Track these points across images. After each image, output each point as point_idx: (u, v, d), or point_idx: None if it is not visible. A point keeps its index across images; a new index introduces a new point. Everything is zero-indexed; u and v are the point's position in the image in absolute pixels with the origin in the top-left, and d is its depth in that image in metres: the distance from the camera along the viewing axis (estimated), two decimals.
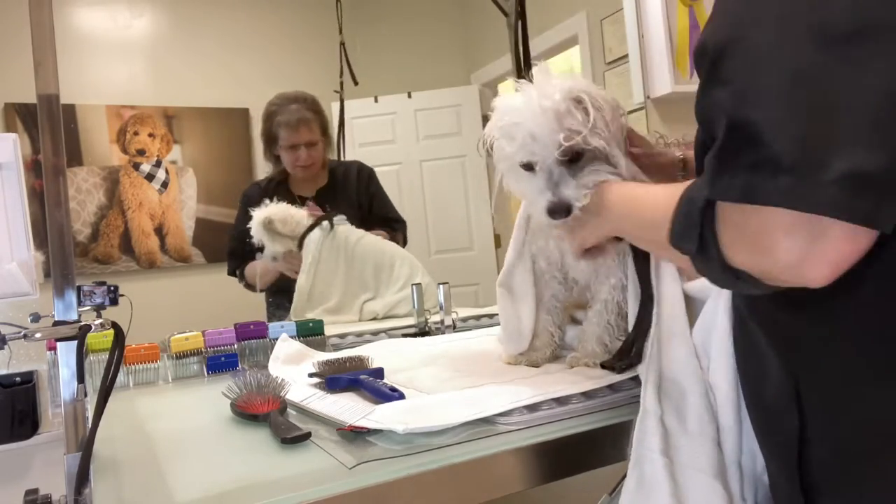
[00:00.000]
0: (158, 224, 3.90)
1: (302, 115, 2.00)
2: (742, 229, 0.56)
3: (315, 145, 2.02)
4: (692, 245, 0.61)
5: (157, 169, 3.90)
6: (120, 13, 3.88)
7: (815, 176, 0.49)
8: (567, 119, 0.87)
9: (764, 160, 0.51)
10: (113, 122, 3.80)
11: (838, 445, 0.60)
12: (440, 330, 1.65)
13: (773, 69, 0.52)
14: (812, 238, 0.51)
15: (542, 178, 0.89)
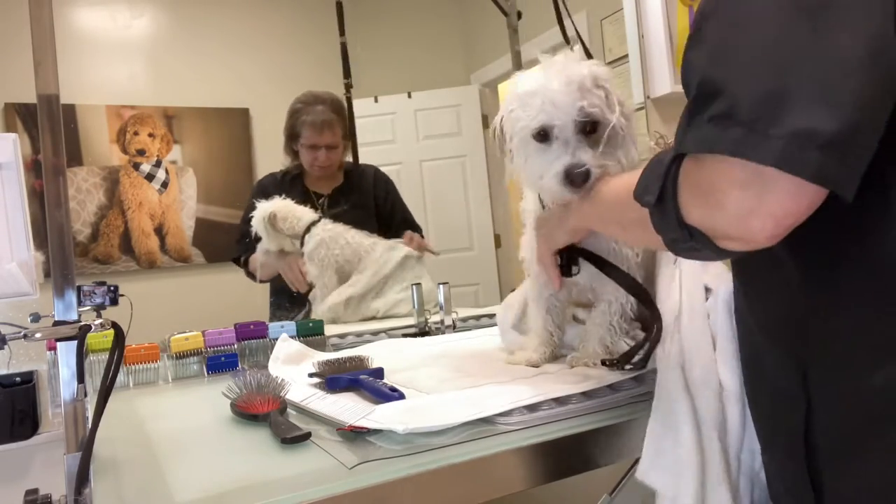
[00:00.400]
0: (158, 224, 3.90)
1: (327, 117, 2.01)
2: (697, 183, 0.60)
3: (335, 148, 2.03)
4: (652, 197, 0.65)
5: (157, 169, 3.90)
6: (120, 13, 3.88)
7: (766, 129, 0.52)
8: (588, 94, 0.88)
9: (722, 114, 0.54)
10: (113, 122, 3.80)
11: (843, 422, 0.62)
12: (440, 330, 1.65)
13: (743, 32, 0.55)
14: (759, 192, 0.54)
15: (559, 145, 0.88)
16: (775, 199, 0.54)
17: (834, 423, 0.63)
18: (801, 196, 0.54)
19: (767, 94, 0.53)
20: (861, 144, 0.52)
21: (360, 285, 1.89)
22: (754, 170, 0.54)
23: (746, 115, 0.53)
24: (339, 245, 1.90)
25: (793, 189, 0.53)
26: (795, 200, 0.54)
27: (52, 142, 0.85)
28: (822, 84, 0.51)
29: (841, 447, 0.63)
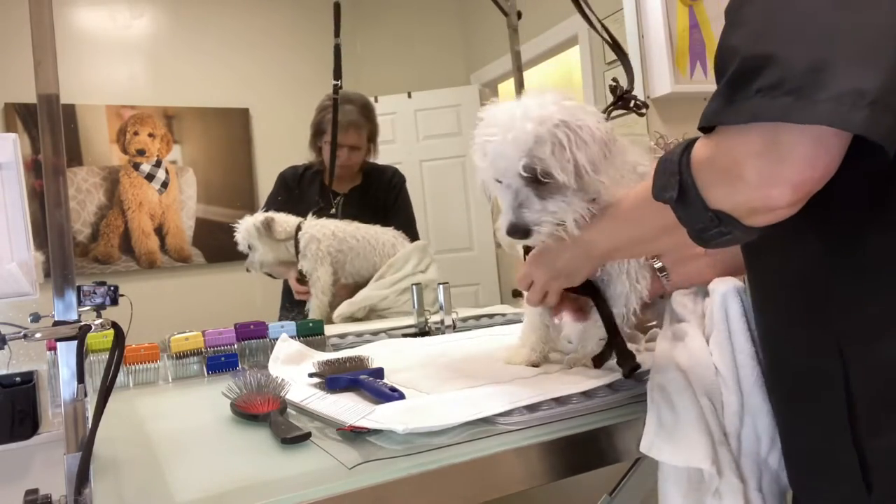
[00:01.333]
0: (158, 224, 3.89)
1: (354, 118, 2.01)
2: (714, 163, 0.63)
3: (358, 150, 2.04)
4: (673, 192, 0.67)
5: (157, 169, 3.90)
6: (120, 13, 3.88)
7: (814, 95, 0.55)
8: (537, 147, 0.85)
9: (770, 85, 0.57)
10: (113, 122, 3.80)
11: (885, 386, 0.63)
12: (440, 330, 1.65)
13: (783, 12, 0.58)
14: (776, 159, 0.57)
15: (508, 196, 0.89)
16: (792, 165, 0.57)
17: (874, 389, 0.64)
18: (817, 160, 0.56)
19: (812, 63, 0.55)
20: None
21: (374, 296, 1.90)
22: (771, 139, 0.57)
23: (794, 83, 0.55)
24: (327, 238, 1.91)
25: (809, 154, 0.56)
26: (811, 165, 0.57)
27: (52, 142, 0.85)
28: (861, 49, 0.55)
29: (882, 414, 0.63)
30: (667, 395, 0.83)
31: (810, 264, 0.68)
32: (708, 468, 0.76)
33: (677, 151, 0.67)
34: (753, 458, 0.82)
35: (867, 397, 0.65)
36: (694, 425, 0.79)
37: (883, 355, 0.63)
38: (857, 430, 0.65)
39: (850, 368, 0.65)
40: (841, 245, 0.66)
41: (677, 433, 0.79)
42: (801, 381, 0.73)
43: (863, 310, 0.64)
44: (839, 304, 0.66)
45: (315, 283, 1.93)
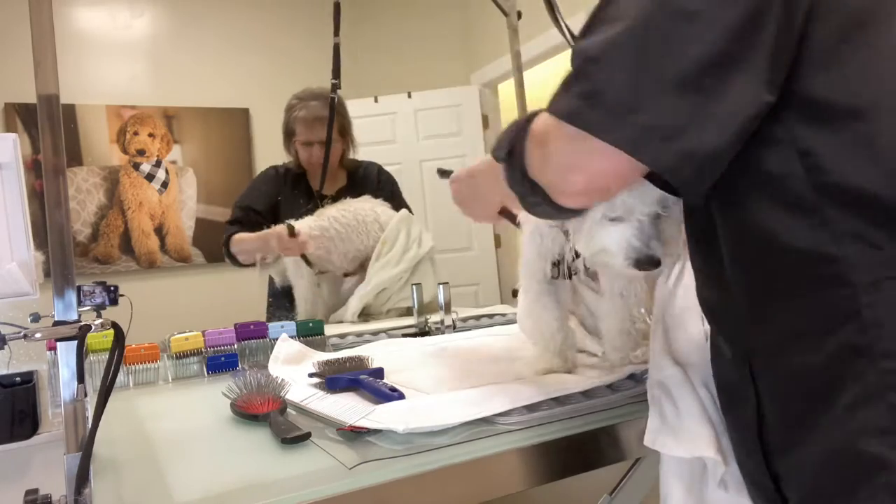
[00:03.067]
0: (158, 224, 3.90)
1: (319, 113, 1.98)
2: (536, 137, 0.68)
3: (331, 145, 2.01)
4: (503, 152, 0.73)
5: (157, 169, 3.90)
6: (120, 13, 3.89)
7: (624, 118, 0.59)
8: None
9: (590, 92, 0.61)
10: (113, 122, 3.81)
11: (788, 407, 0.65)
12: (440, 330, 1.65)
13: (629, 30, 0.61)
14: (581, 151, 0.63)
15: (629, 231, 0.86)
16: (591, 161, 0.63)
17: (779, 411, 0.65)
18: (615, 165, 0.62)
19: (632, 86, 0.60)
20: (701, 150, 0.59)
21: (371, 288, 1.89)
22: (581, 135, 0.62)
23: (610, 99, 0.60)
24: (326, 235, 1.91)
25: (608, 161, 0.62)
26: (609, 167, 0.62)
27: (52, 142, 0.85)
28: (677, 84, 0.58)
29: (788, 434, 0.65)
30: (666, 389, 0.83)
31: (721, 280, 0.70)
32: (714, 456, 0.76)
33: (523, 119, 0.72)
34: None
35: (773, 413, 0.66)
36: (696, 416, 0.79)
37: (783, 371, 0.64)
38: (766, 444, 0.67)
39: (758, 383, 0.67)
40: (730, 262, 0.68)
41: (680, 425, 0.79)
42: (726, 393, 0.74)
43: (764, 324, 0.66)
44: (746, 319, 0.67)
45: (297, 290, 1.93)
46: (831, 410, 0.60)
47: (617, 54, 0.60)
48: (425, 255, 1.93)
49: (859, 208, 0.59)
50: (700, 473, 0.80)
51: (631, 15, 0.60)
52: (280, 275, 1.96)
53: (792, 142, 0.60)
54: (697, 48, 0.58)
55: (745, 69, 0.58)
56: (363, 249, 1.95)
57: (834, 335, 0.60)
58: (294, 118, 2.03)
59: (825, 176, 0.59)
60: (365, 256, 1.96)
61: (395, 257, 1.90)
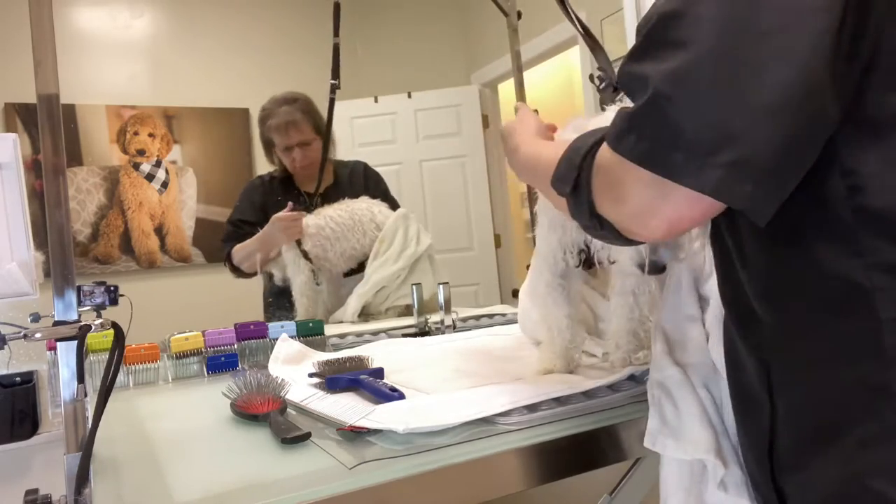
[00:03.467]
0: (158, 224, 3.90)
1: (291, 118, 2.00)
2: (608, 177, 0.64)
3: (309, 144, 2.02)
4: (568, 187, 0.69)
5: (157, 169, 3.90)
6: (120, 13, 3.89)
7: (703, 159, 0.55)
8: None
9: (669, 136, 0.57)
10: (113, 122, 3.81)
11: (802, 428, 0.63)
12: (440, 330, 1.65)
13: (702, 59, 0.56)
14: (660, 197, 0.59)
15: None
16: (672, 207, 0.59)
17: (792, 431, 0.64)
18: (697, 209, 0.59)
19: (707, 122, 0.56)
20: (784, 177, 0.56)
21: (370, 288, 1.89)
22: (659, 180, 0.58)
23: (686, 141, 0.56)
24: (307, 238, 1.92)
25: (691, 203, 0.58)
26: (690, 211, 0.59)
27: (52, 142, 0.85)
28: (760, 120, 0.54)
29: (798, 455, 0.64)
30: (666, 390, 0.83)
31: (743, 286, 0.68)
32: (713, 459, 0.76)
33: (584, 147, 0.67)
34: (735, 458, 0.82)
35: (786, 431, 0.65)
36: (696, 418, 0.79)
37: (800, 394, 0.63)
38: (775, 459, 0.66)
39: (776, 400, 0.66)
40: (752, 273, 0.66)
41: (680, 427, 0.79)
42: (742, 401, 0.73)
43: (787, 347, 0.64)
44: (771, 338, 0.66)
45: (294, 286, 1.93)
46: (843, 442, 0.59)
47: (692, 87, 0.56)
48: (423, 253, 1.93)
49: (893, 236, 0.56)
50: (700, 475, 0.80)
51: (702, 39, 0.56)
52: (280, 270, 1.96)
53: (835, 160, 0.57)
54: (782, 72, 0.54)
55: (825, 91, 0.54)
56: (360, 248, 1.95)
57: (854, 368, 0.58)
58: (268, 128, 2.04)
59: (865, 198, 0.56)
60: (363, 255, 1.96)
61: (393, 255, 1.91)
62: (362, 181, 2.15)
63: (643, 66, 0.60)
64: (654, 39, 0.60)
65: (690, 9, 0.57)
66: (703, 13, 0.56)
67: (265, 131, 2.06)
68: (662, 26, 0.59)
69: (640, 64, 0.60)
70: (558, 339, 1.07)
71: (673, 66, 0.57)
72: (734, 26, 0.55)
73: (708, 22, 0.56)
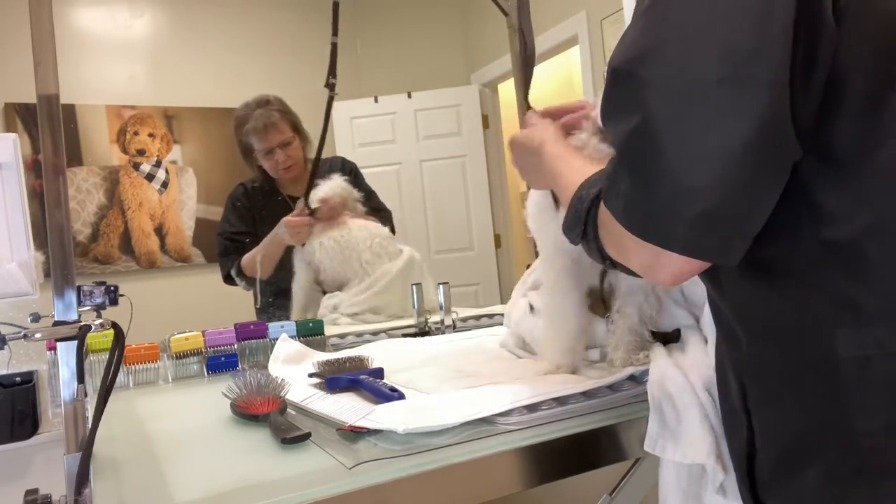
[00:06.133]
0: (158, 224, 3.90)
1: (268, 119, 1.99)
2: (610, 233, 0.66)
3: (290, 144, 2.01)
4: (577, 236, 0.74)
5: (157, 169, 3.90)
6: (120, 13, 3.88)
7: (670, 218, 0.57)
8: None
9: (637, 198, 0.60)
10: (113, 122, 3.80)
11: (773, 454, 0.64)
12: (440, 330, 1.65)
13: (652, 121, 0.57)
14: (655, 254, 0.60)
15: None
16: (670, 261, 0.60)
17: (767, 454, 0.65)
18: (691, 264, 0.60)
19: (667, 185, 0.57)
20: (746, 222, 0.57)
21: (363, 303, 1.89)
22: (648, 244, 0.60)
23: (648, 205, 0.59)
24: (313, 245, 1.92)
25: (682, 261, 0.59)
26: (687, 262, 0.59)
27: (52, 142, 0.85)
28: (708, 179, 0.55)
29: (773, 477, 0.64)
30: (667, 392, 0.83)
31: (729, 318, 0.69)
32: (713, 464, 0.76)
33: (588, 199, 0.71)
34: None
35: (763, 451, 0.65)
36: (696, 422, 0.79)
37: (772, 421, 0.64)
38: (755, 479, 0.67)
39: (752, 421, 0.66)
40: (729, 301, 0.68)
41: (680, 430, 0.79)
42: (728, 417, 0.74)
43: (758, 377, 0.65)
44: (744, 367, 0.67)
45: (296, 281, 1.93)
46: (811, 473, 0.59)
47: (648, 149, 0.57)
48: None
49: (855, 273, 0.56)
50: (699, 478, 0.80)
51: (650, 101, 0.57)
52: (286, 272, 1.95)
53: (801, 194, 0.58)
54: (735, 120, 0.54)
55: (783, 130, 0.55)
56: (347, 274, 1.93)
57: (817, 401, 0.59)
58: (246, 132, 2.03)
59: (829, 232, 0.56)
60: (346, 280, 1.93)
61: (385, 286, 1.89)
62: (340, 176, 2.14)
63: (610, 127, 0.63)
64: (611, 98, 0.62)
65: (637, 69, 0.58)
66: (647, 75, 0.57)
67: (243, 137, 2.05)
68: (614, 84, 0.61)
69: (607, 124, 0.64)
70: (564, 337, 1.04)
71: (629, 129, 0.58)
72: (681, 84, 0.55)
73: (653, 84, 0.57)
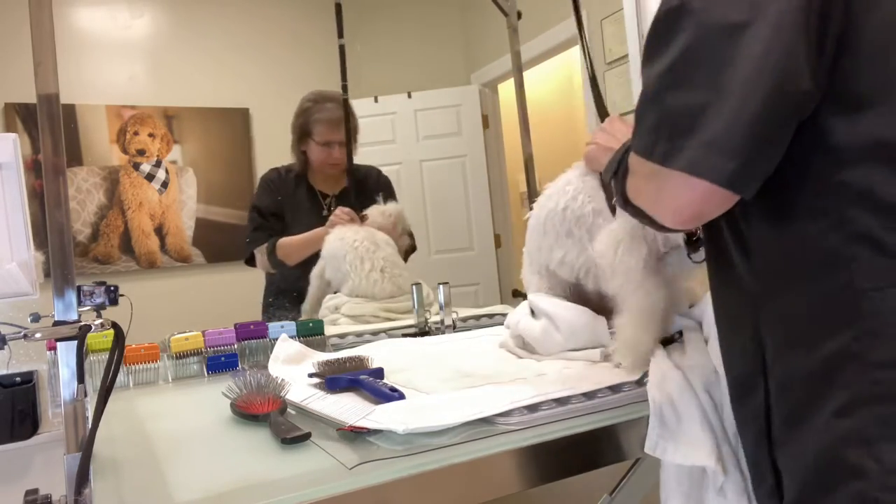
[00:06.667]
0: (158, 224, 3.89)
1: (337, 115, 2.03)
2: (633, 173, 0.73)
3: (344, 145, 2.05)
4: (608, 175, 0.82)
5: (157, 169, 3.89)
6: (120, 13, 3.88)
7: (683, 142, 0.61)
8: None
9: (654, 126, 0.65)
10: (113, 122, 3.80)
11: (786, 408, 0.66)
12: (440, 330, 1.65)
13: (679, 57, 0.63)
14: (656, 190, 0.67)
15: None
16: (668, 198, 0.65)
17: (782, 406, 0.66)
18: (690, 191, 0.63)
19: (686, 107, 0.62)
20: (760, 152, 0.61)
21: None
22: (654, 172, 0.66)
23: (668, 127, 0.64)
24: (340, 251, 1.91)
25: (680, 192, 0.63)
26: (686, 193, 0.63)
27: (52, 142, 0.85)
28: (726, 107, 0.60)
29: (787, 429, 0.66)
30: (667, 393, 0.83)
31: (741, 274, 0.71)
32: (713, 466, 0.76)
33: (626, 147, 0.78)
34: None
35: (778, 406, 0.67)
36: (697, 423, 0.79)
37: (786, 367, 0.65)
38: (772, 438, 0.68)
39: (769, 376, 0.68)
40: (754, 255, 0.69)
41: (681, 432, 0.79)
42: (739, 382, 0.75)
43: (775, 321, 0.67)
44: (760, 315, 0.69)
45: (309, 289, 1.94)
46: (821, 413, 0.61)
47: (671, 82, 0.63)
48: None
49: (874, 208, 0.59)
50: (700, 480, 0.80)
51: (679, 41, 0.62)
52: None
53: (818, 136, 0.61)
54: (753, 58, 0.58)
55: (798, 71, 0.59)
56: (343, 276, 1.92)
57: (832, 339, 0.61)
58: (314, 120, 2.04)
59: (846, 172, 0.60)
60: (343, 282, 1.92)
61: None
62: (375, 186, 2.17)
63: (643, 73, 0.68)
64: (647, 48, 0.68)
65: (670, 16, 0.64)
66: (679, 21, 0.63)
67: (308, 122, 2.06)
68: (651, 36, 0.67)
69: (643, 71, 0.68)
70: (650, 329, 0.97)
71: (658, 69, 0.64)
72: (706, 25, 0.61)
73: (684, 28, 0.62)
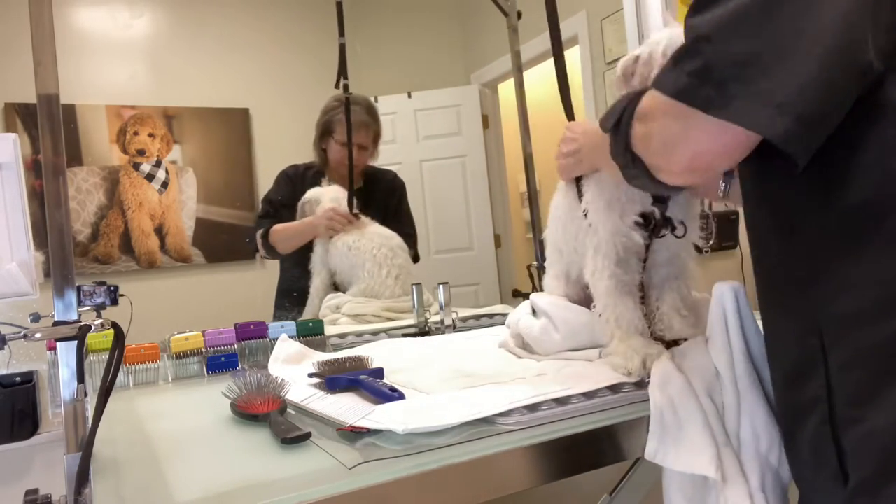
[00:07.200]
0: (158, 224, 3.89)
1: (362, 118, 2.06)
2: (645, 117, 0.71)
3: (365, 149, 2.08)
4: (609, 122, 0.77)
5: (157, 169, 3.89)
6: (120, 13, 3.88)
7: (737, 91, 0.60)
8: None
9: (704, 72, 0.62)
10: (113, 122, 3.80)
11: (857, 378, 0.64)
12: (440, 330, 1.65)
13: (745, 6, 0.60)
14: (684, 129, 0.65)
15: None
16: (694, 142, 0.64)
17: (848, 385, 0.65)
18: (717, 139, 0.62)
19: (740, 56, 0.60)
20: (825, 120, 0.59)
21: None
22: (684, 114, 0.63)
23: (718, 75, 0.61)
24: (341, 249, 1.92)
25: (712, 138, 0.63)
26: (712, 141, 0.63)
27: (52, 142, 0.85)
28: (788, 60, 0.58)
29: (856, 408, 0.64)
30: (668, 397, 0.82)
31: (792, 251, 0.70)
32: (713, 475, 0.75)
33: (631, 94, 0.75)
34: (754, 456, 0.81)
35: (841, 387, 0.65)
36: (698, 429, 0.78)
37: (852, 345, 0.64)
38: (834, 419, 0.66)
39: (829, 357, 0.66)
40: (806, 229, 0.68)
41: (682, 438, 0.79)
42: (791, 370, 0.73)
43: (836, 298, 0.65)
44: (820, 292, 0.67)
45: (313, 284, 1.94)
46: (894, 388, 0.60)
47: (731, 29, 0.60)
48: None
49: None
50: (702, 485, 0.80)
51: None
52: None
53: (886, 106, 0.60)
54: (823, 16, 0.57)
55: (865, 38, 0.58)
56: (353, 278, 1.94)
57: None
58: (338, 120, 2.06)
59: None
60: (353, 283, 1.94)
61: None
62: (389, 189, 2.19)
63: (693, 19, 0.65)
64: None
65: None
66: None
67: (332, 122, 2.08)
68: None
69: (692, 18, 0.66)
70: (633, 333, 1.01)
71: (717, 14, 0.62)
72: None
73: None
